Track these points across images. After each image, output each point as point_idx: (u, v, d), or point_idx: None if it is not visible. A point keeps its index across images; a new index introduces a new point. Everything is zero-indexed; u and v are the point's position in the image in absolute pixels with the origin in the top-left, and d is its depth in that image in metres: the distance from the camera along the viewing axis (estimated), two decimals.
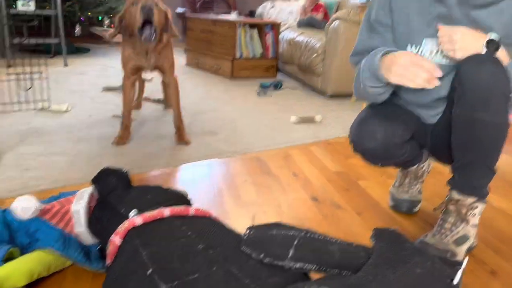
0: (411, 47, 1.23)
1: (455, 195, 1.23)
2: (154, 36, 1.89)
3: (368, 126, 1.28)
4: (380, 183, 1.81)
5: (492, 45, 1.07)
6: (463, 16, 1.15)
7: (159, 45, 2.01)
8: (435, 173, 1.70)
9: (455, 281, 0.67)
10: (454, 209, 1.24)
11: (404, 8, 1.24)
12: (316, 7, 4.41)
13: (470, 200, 1.21)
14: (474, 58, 1.07)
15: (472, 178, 1.21)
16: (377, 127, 1.26)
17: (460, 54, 1.09)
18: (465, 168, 1.20)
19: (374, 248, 0.77)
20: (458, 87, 1.12)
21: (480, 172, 1.19)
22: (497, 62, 1.06)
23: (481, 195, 1.22)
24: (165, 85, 2.47)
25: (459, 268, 0.69)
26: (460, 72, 1.10)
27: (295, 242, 0.77)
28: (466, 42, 1.08)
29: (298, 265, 0.73)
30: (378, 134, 1.25)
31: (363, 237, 1.37)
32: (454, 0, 1.16)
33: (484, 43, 1.07)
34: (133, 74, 2.12)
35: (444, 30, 1.12)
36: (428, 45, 1.20)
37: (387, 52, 1.15)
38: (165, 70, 2.14)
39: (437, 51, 1.19)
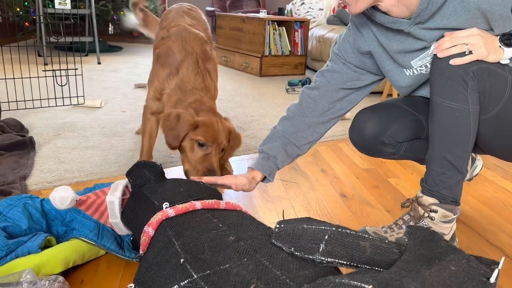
0: (407, 71, 1.17)
1: (418, 192, 1.16)
2: None
3: (362, 117, 1.26)
4: (411, 181, 1.77)
5: (507, 38, 1.01)
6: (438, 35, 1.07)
7: None
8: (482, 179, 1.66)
9: (492, 280, 0.65)
10: (412, 207, 1.18)
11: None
12: None
13: (429, 200, 1.12)
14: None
15: (433, 173, 1.10)
16: (368, 121, 1.23)
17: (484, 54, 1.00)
18: (428, 161, 1.11)
19: (408, 245, 0.75)
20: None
21: (438, 165, 1.08)
22: None
23: (441, 197, 1.10)
24: None
25: (496, 267, 0.67)
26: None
27: (326, 237, 0.76)
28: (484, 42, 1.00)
29: (328, 259, 0.73)
30: (365, 130, 1.23)
31: None
32: (426, 31, 1.07)
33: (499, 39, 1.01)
34: None
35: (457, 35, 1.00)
36: (418, 62, 1.14)
37: None
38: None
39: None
